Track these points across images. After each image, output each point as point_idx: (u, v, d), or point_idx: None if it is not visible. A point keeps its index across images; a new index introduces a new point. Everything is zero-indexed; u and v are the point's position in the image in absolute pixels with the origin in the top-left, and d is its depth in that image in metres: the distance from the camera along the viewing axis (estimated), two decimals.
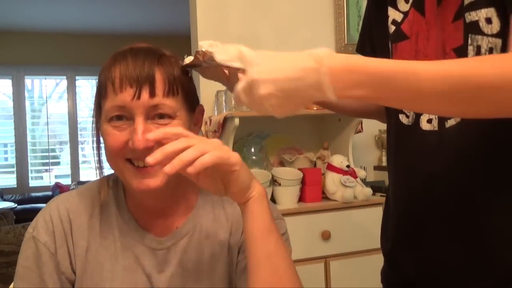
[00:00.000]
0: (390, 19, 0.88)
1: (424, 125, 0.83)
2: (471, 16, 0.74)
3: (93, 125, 0.83)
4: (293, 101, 0.64)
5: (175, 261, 0.83)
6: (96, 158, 0.83)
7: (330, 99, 0.61)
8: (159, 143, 0.73)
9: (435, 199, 0.83)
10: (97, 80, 0.80)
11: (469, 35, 0.74)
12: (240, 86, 0.65)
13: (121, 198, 0.86)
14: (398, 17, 0.87)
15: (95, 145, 0.82)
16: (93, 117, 0.82)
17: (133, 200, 0.85)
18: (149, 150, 0.73)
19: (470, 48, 0.74)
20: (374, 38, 0.97)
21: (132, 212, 0.85)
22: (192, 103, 0.82)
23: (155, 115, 0.76)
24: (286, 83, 0.62)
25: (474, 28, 0.73)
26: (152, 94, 0.75)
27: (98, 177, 0.87)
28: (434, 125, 0.81)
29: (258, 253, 0.72)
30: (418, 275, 0.87)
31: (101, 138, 0.81)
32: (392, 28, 0.88)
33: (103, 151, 0.80)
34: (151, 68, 0.76)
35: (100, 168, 0.84)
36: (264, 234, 0.72)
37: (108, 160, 0.79)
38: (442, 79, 0.59)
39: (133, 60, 0.76)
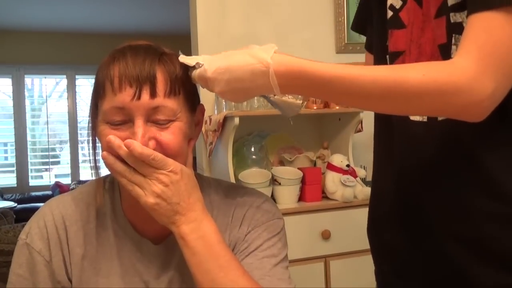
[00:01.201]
0: (388, 3, 0.89)
1: (413, 116, 0.83)
2: (456, 17, 0.75)
3: (89, 125, 0.79)
4: (244, 96, 0.74)
5: (172, 266, 0.81)
6: (92, 158, 0.80)
7: (276, 94, 0.72)
8: (160, 147, 0.73)
9: (419, 189, 0.84)
10: (94, 79, 0.77)
11: (453, 35, 0.76)
12: (196, 77, 0.75)
13: (117, 202, 0.83)
14: (396, 3, 0.87)
15: (90, 144, 0.80)
16: (89, 116, 0.79)
17: (129, 203, 0.82)
18: None
19: (453, 47, 0.76)
20: (372, 19, 0.97)
21: (128, 216, 0.82)
22: (193, 103, 0.80)
23: (156, 117, 0.73)
24: (238, 84, 0.71)
25: (458, 28, 0.74)
26: (153, 94, 0.72)
27: (94, 177, 0.84)
28: (423, 117, 0.82)
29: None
30: (410, 265, 0.87)
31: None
32: (389, 14, 0.88)
33: (99, 150, 0.77)
34: (152, 66, 0.73)
35: (96, 168, 0.81)
36: (195, 273, 0.73)
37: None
38: (373, 84, 0.67)
39: (132, 58, 0.73)
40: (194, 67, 0.76)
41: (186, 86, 0.77)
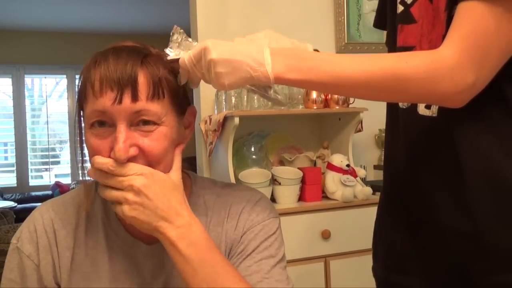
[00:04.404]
0: None
1: (422, 110, 0.83)
2: (454, 10, 0.75)
3: (76, 125, 0.78)
4: (236, 72, 0.71)
5: (167, 267, 0.81)
6: (79, 158, 0.78)
7: (269, 80, 0.71)
8: (143, 152, 0.71)
9: (420, 182, 0.84)
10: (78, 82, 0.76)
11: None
12: (191, 51, 0.73)
13: (109, 205, 0.82)
14: None
15: (78, 144, 0.78)
16: (75, 116, 0.78)
17: None
18: (132, 159, 0.70)
19: None
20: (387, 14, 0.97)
21: (121, 219, 0.81)
22: (180, 106, 0.77)
23: (139, 121, 0.71)
24: (234, 54, 0.71)
25: None
26: (135, 98, 0.70)
27: (81, 178, 0.81)
28: (433, 111, 0.82)
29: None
30: (414, 257, 0.87)
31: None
32: (400, 8, 0.88)
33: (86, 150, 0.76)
34: (134, 69, 0.70)
35: (83, 169, 0.79)
36: (189, 281, 0.71)
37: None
38: (359, 69, 0.70)
39: (114, 61, 0.71)
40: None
41: (171, 88, 0.75)
